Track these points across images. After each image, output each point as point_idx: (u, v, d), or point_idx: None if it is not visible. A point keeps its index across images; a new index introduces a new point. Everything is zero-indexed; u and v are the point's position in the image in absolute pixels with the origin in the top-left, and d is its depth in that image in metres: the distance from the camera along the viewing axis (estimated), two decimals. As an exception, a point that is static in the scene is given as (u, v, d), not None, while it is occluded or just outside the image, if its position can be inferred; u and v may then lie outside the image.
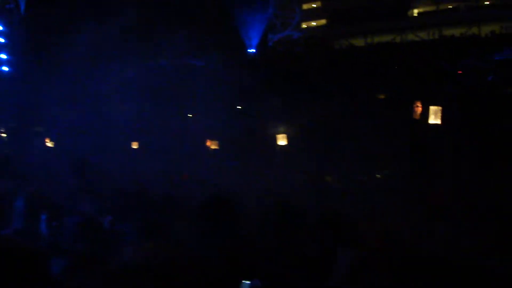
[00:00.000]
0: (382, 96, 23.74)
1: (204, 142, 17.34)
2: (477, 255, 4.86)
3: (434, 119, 5.71)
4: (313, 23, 39.70)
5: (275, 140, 15.14)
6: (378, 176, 11.19)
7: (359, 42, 36.82)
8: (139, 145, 17.10)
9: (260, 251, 3.94)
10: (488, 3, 35.41)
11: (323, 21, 39.42)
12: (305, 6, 39.48)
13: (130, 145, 16.77)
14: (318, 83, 21.17)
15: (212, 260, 3.53)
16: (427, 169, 10.19)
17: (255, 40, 36.48)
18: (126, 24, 21.39)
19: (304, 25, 39.42)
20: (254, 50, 36.05)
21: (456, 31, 34.97)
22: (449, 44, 31.58)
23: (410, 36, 36.13)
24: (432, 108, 5.82)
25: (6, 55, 18.18)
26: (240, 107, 25.29)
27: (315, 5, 41.16)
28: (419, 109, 5.93)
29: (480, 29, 34.68)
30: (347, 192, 9.21)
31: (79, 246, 3.79)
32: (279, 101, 20.46)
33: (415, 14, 37.98)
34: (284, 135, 13.85)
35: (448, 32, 35.34)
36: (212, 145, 15.47)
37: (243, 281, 3.20)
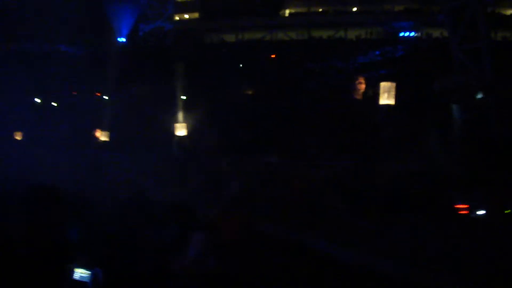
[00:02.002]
0: (249, 92, 24.13)
1: (64, 131, 16.51)
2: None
3: (387, 98, 5.54)
4: (186, 16, 39.22)
5: (141, 130, 14.79)
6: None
7: (230, 38, 37.07)
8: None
9: (107, 238, 4.02)
10: (355, 9, 37.00)
11: (196, 15, 39.04)
12: (178, -2, 38.97)
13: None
14: (187, 75, 21.07)
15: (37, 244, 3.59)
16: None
17: (126, 30, 35.58)
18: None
19: (176, 17, 38.86)
20: (124, 40, 35.20)
21: (324, 33, 36.30)
22: (317, 45, 32.82)
23: (280, 35, 36.93)
24: (384, 85, 5.62)
25: None
26: (106, 97, 24.58)
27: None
28: (362, 86, 5.78)
29: (347, 33, 36.27)
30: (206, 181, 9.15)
31: None
32: (147, 92, 20.14)
33: (286, 15, 38.75)
34: (182, 125, 13.38)
35: (316, 33, 36.55)
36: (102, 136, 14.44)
37: (82, 270, 3.23)
